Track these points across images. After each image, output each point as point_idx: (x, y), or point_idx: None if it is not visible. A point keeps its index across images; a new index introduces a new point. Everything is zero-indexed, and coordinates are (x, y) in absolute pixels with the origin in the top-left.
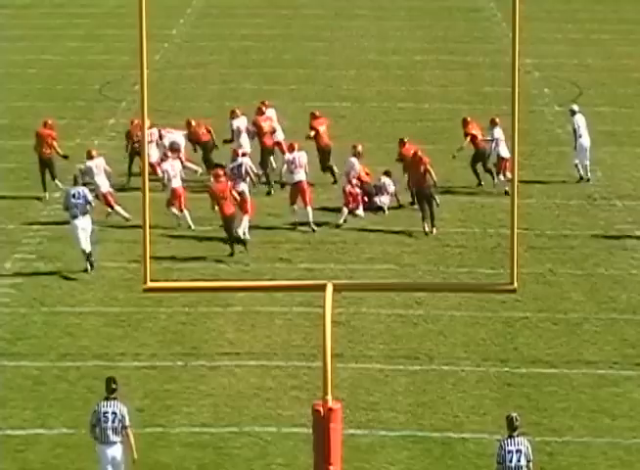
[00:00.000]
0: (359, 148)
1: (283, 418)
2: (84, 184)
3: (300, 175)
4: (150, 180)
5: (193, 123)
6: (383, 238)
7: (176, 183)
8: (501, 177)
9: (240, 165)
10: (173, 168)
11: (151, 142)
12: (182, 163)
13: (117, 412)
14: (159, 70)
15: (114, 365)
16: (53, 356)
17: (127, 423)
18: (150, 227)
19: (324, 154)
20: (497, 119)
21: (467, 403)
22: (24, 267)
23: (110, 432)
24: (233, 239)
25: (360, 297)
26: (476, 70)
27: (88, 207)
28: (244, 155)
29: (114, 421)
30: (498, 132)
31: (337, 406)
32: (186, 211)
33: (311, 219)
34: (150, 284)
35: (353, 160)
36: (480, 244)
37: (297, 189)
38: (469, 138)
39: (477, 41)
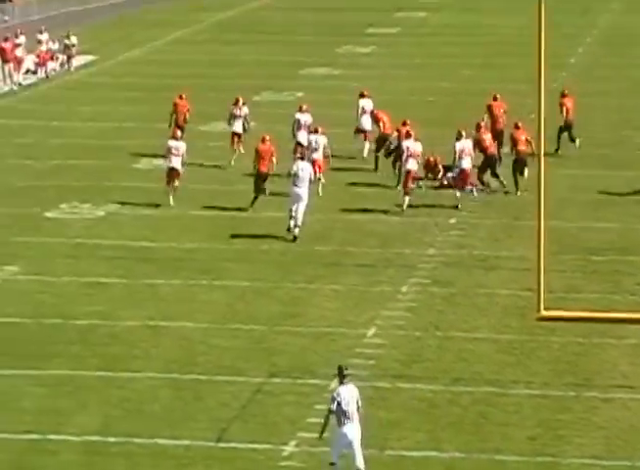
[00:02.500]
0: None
1: None
2: None
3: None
4: None
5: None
6: None
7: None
8: None
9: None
10: None
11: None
12: None
13: (355, 395)
14: (556, 99)
15: (505, 392)
16: (446, 380)
17: (360, 404)
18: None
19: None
20: None
21: None
22: (420, 292)
23: (349, 414)
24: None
25: None
26: None
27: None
28: None
29: (349, 404)
30: None
31: None
32: None
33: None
34: (543, 313)
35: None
36: None
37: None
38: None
39: None
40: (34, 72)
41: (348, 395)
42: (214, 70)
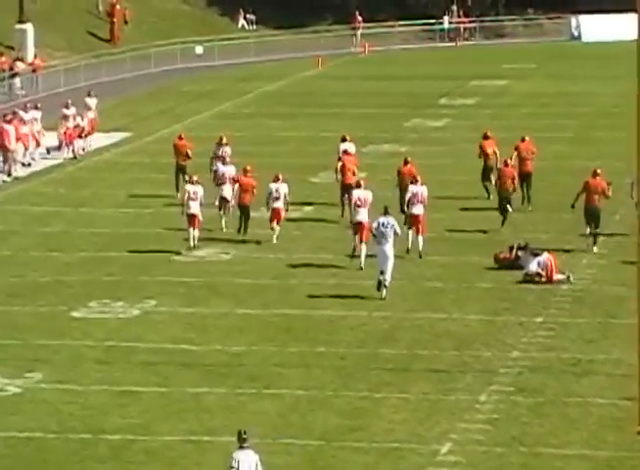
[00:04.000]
0: None
1: None
2: None
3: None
4: None
5: None
6: None
7: None
8: None
9: None
10: None
11: None
12: None
13: (254, 460)
14: None
15: None
16: None
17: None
18: None
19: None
20: None
21: None
22: (502, 401)
23: None
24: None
25: None
26: None
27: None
28: None
29: (250, 468)
30: None
31: None
32: None
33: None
34: None
35: None
36: None
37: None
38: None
39: None
40: (59, 149)
41: (247, 459)
42: (262, 147)
